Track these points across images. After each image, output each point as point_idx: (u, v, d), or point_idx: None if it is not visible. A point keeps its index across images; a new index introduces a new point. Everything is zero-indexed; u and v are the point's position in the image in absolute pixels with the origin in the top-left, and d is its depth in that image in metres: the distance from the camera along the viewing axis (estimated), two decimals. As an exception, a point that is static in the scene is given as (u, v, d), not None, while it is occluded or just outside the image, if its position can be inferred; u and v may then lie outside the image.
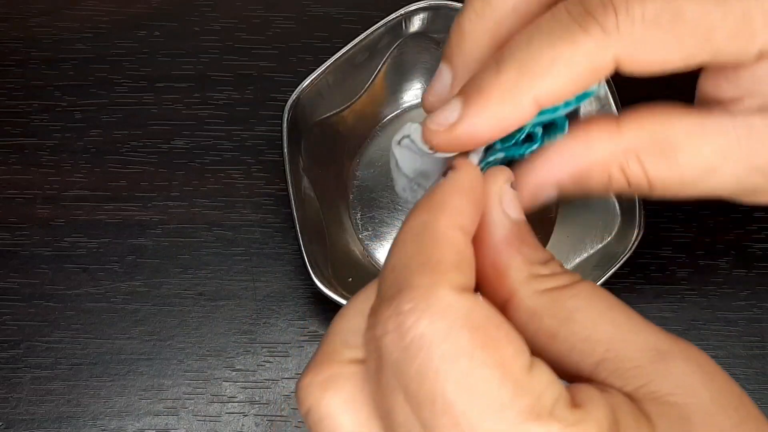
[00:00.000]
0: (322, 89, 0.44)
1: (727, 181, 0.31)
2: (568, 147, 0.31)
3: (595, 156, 0.30)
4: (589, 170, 0.30)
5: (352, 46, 0.44)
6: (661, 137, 0.30)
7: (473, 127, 0.29)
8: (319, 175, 0.45)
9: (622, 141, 0.30)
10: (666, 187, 0.31)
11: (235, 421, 0.43)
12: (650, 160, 0.30)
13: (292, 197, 0.42)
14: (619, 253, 0.41)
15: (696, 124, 0.30)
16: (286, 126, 0.43)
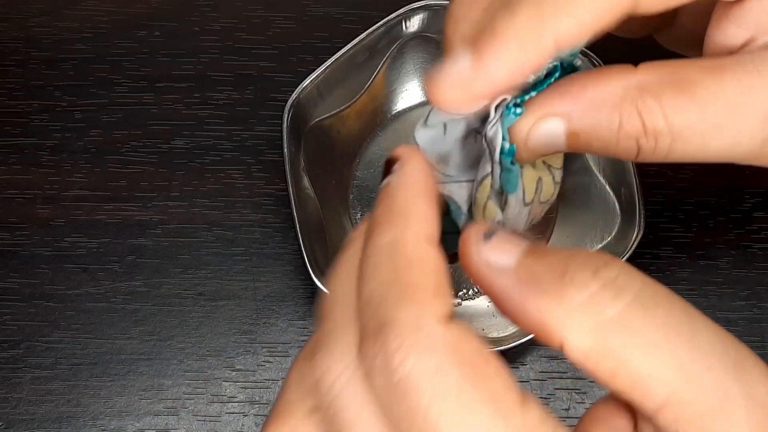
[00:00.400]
0: (322, 89, 0.44)
1: (751, 124, 0.28)
2: (580, 78, 0.29)
3: (608, 88, 0.28)
4: (600, 104, 0.28)
5: (352, 46, 0.44)
6: (681, 75, 0.28)
7: (490, 75, 0.26)
8: (318, 175, 0.45)
9: (638, 76, 0.28)
10: (686, 132, 0.28)
11: (235, 421, 0.43)
12: (668, 97, 0.28)
13: (292, 197, 0.42)
14: (619, 254, 0.41)
15: (715, 63, 0.29)
16: (286, 126, 0.43)
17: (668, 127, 0.28)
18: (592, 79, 0.28)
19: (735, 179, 0.47)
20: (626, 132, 0.28)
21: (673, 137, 0.28)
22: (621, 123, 0.28)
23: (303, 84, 0.44)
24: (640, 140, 0.28)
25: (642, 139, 0.28)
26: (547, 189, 0.31)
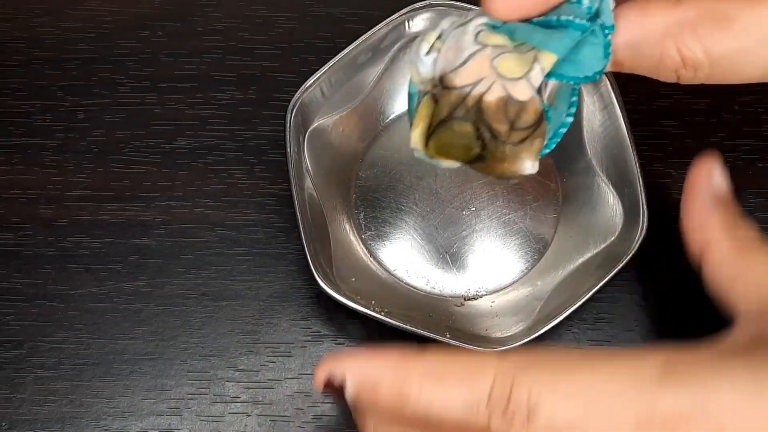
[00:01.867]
0: (325, 89, 0.44)
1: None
2: (625, 13, 0.31)
3: (651, 24, 0.31)
4: (643, 39, 0.31)
5: (355, 46, 0.44)
6: (719, 9, 0.31)
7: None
8: (321, 175, 0.45)
9: (679, 13, 0.31)
10: (723, 61, 0.31)
11: (238, 421, 0.43)
12: (707, 30, 0.31)
13: (296, 198, 0.42)
14: (622, 253, 0.41)
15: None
16: (289, 126, 0.43)
17: (707, 59, 0.31)
18: (636, 13, 0.31)
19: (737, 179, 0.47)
20: (666, 65, 0.32)
21: (711, 66, 0.31)
22: (661, 57, 0.31)
23: (306, 84, 0.44)
24: (679, 71, 0.32)
25: (681, 69, 0.32)
26: None
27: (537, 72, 0.30)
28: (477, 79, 0.30)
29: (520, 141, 0.31)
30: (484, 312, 0.44)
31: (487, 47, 0.31)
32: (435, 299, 0.44)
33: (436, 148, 0.32)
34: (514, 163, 0.31)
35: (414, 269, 0.45)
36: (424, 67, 0.32)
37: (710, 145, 0.47)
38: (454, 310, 0.44)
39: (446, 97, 0.31)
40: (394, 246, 0.45)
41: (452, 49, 0.31)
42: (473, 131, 0.31)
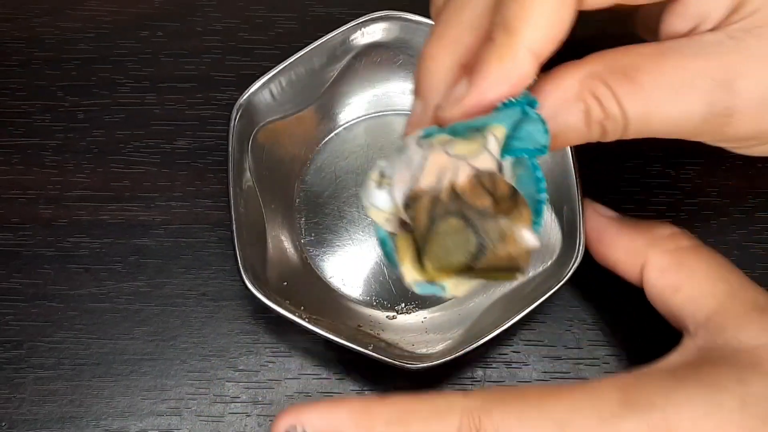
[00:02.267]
0: (275, 91, 0.44)
1: (690, 104, 0.32)
2: (539, 87, 0.32)
3: (565, 86, 0.32)
4: (564, 102, 0.32)
5: (309, 50, 0.44)
6: (623, 62, 0.32)
7: (482, 91, 0.31)
8: (265, 177, 0.44)
9: (587, 67, 0.32)
10: (638, 115, 0.32)
11: (238, 421, 0.43)
12: (617, 83, 0.31)
13: (231, 197, 0.42)
14: (558, 278, 0.40)
15: (656, 49, 0.32)
16: (233, 125, 0.43)
17: (621, 111, 0.32)
18: (549, 83, 0.32)
19: (738, 179, 0.47)
20: (593, 118, 0.32)
21: (625, 119, 0.32)
22: (588, 111, 0.32)
23: (255, 85, 0.44)
24: (604, 123, 0.32)
25: (605, 122, 0.32)
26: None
27: (492, 142, 0.30)
28: (441, 173, 0.30)
29: (509, 212, 0.30)
30: (414, 327, 0.44)
31: (434, 145, 0.30)
32: (367, 310, 0.44)
33: (433, 262, 0.30)
34: (514, 239, 0.30)
35: (350, 279, 0.45)
36: (381, 201, 0.31)
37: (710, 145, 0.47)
38: (385, 323, 0.44)
39: (420, 207, 0.30)
40: (332, 253, 0.45)
41: (404, 168, 0.30)
42: (462, 223, 0.30)
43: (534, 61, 0.30)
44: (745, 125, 0.32)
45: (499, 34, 0.31)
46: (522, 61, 0.30)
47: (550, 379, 0.43)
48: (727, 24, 0.32)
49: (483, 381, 0.43)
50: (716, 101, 0.32)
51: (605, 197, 0.46)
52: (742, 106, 0.32)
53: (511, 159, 0.31)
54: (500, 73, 0.30)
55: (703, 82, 0.32)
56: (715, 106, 0.32)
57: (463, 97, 0.31)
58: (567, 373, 0.43)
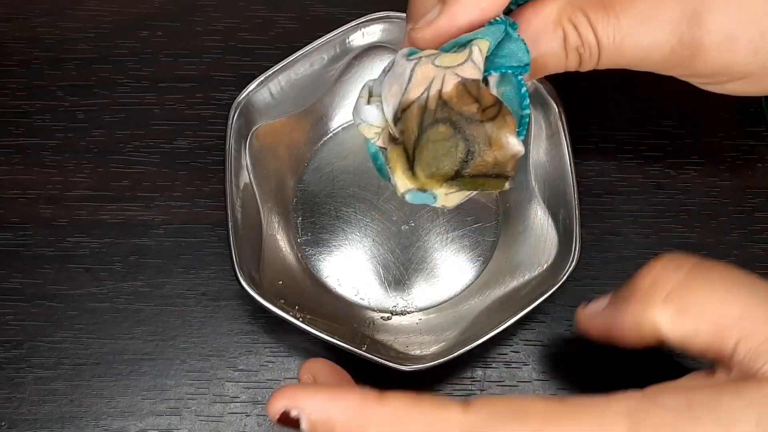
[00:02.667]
0: (274, 90, 0.44)
1: (660, 34, 0.32)
2: (520, 12, 0.33)
3: (545, 12, 0.33)
4: (543, 27, 0.33)
5: (308, 50, 0.44)
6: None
7: (453, 14, 0.31)
8: (262, 175, 0.44)
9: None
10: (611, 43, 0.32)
11: (238, 421, 0.43)
12: (593, 11, 0.32)
13: (228, 195, 0.42)
14: (552, 283, 0.40)
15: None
16: (231, 124, 0.43)
17: (596, 40, 0.33)
18: (530, 11, 0.33)
19: (737, 179, 0.47)
20: (570, 44, 0.33)
21: (601, 48, 0.33)
22: (565, 37, 0.33)
23: (253, 84, 0.44)
24: (579, 50, 0.33)
25: (581, 48, 0.33)
26: None
27: (476, 53, 0.31)
28: (428, 82, 0.30)
29: (495, 117, 0.31)
30: (409, 328, 0.44)
31: (422, 57, 0.31)
32: (362, 310, 0.44)
33: (424, 169, 0.31)
34: (500, 144, 0.30)
35: (346, 279, 0.45)
36: (371, 116, 0.32)
37: (710, 145, 0.47)
38: (380, 323, 0.44)
39: (409, 116, 0.31)
40: (328, 253, 0.45)
41: (394, 83, 0.31)
42: (450, 129, 0.30)
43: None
44: (713, 59, 0.33)
45: None
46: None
47: (549, 379, 0.43)
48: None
49: (483, 381, 0.43)
50: (685, 33, 0.32)
51: (604, 197, 0.46)
52: (709, 39, 0.32)
53: (496, 76, 0.32)
54: None
55: (673, 12, 0.32)
56: (683, 38, 0.32)
57: (435, 18, 0.32)
58: (566, 373, 0.43)
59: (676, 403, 0.29)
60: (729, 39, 0.33)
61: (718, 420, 0.28)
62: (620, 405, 0.29)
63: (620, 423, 0.29)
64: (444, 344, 0.41)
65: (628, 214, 0.46)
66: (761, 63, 0.33)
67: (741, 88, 0.35)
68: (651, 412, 0.29)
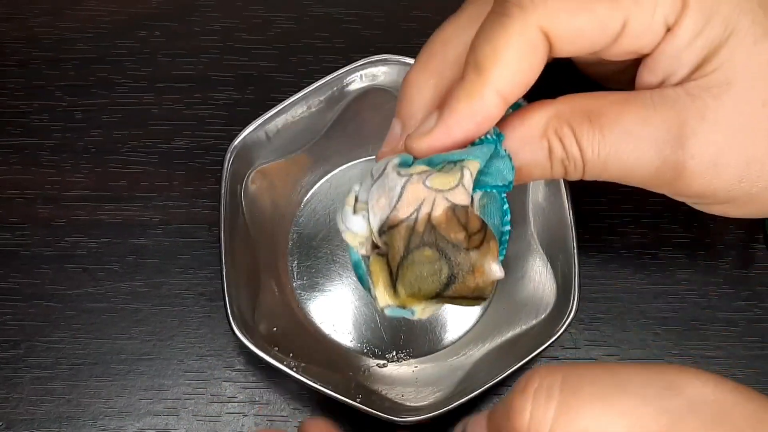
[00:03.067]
0: (270, 133, 0.44)
1: (646, 153, 0.32)
2: (507, 121, 0.33)
3: (532, 122, 0.33)
4: (529, 137, 0.33)
5: (306, 92, 0.43)
6: (590, 106, 0.33)
7: (449, 126, 0.31)
8: (258, 218, 0.44)
9: (555, 106, 0.33)
10: (595, 158, 0.32)
11: (235, 421, 0.43)
12: (579, 125, 0.32)
13: (223, 241, 0.41)
14: (550, 334, 0.40)
15: (619, 97, 0.33)
16: (227, 167, 0.42)
17: (580, 153, 0.32)
18: (518, 119, 0.33)
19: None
20: (555, 156, 0.33)
21: (585, 162, 0.33)
22: (551, 149, 0.33)
23: (250, 127, 0.43)
24: (565, 163, 0.33)
25: (566, 161, 0.33)
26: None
27: (467, 177, 0.31)
28: (418, 204, 0.31)
29: (480, 245, 0.31)
30: (405, 377, 0.43)
31: (413, 175, 0.31)
32: (358, 357, 0.44)
33: (407, 289, 0.31)
34: (483, 270, 0.31)
35: (341, 325, 0.44)
36: (357, 226, 0.32)
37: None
38: (375, 372, 0.43)
39: (396, 235, 0.31)
40: (324, 298, 0.45)
41: (383, 196, 0.31)
42: (436, 253, 0.31)
43: (501, 103, 0.31)
44: (696, 183, 0.33)
45: (469, 72, 0.31)
46: (489, 101, 0.31)
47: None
48: (689, 80, 0.33)
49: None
50: (669, 155, 0.32)
51: (602, 198, 0.46)
52: (692, 164, 0.32)
53: (480, 194, 0.32)
54: (467, 111, 0.31)
55: (658, 133, 0.32)
56: (667, 160, 0.32)
57: (431, 129, 0.32)
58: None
59: None
60: (713, 165, 0.32)
61: None
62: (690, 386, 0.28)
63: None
64: (440, 394, 0.41)
65: (626, 213, 0.46)
66: (746, 190, 0.33)
67: (726, 210, 0.35)
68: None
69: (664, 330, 0.44)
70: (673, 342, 0.44)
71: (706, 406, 0.27)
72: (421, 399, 0.41)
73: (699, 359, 0.44)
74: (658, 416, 0.27)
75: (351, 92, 0.44)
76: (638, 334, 0.44)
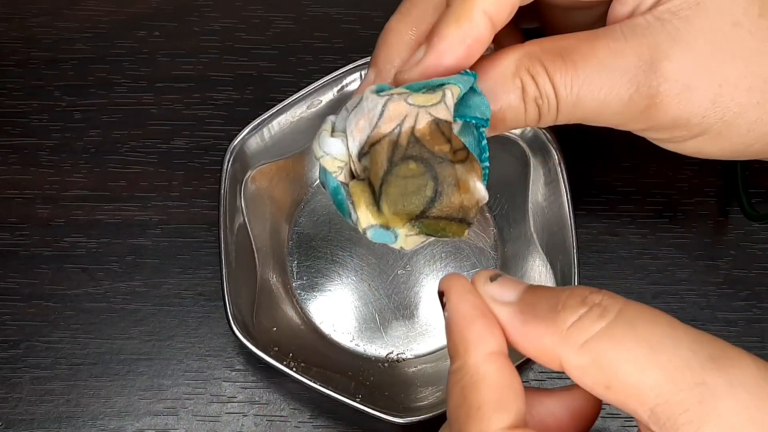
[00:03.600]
0: (268, 134, 0.44)
1: (618, 84, 0.32)
2: (478, 63, 0.33)
3: (504, 63, 0.32)
4: (501, 78, 0.32)
5: (304, 93, 0.43)
6: (561, 44, 0.33)
7: (440, 52, 0.31)
8: (257, 219, 0.44)
9: (525, 48, 0.33)
10: (569, 94, 0.32)
11: (235, 421, 0.43)
12: (551, 62, 0.32)
13: (222, 242, 0.41)
14: None
15: (591, 33, 0.33)
16: (226, 169, 0.42)
17: (553, 89, 0.32)
18: (489, 61, 0.33)
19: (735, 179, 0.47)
20: (528, 96, 0.32)
21: (559, 99, 0.32)
22: (524, 88, 0.32)
23: (248, 127, 0.43)
24: (538, 101, 0.32)
25: (539, 100, 0.32)
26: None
27: (449, 96, 0.30)
28: (401, 119, 0.30)
29: (465, 160, 0.31)
30: (405, 376, 0.43)
31: (394, 95, 0.31)
32: (358, 357, 0.44)
33: (391, 206, 0.30)
34: (468, 187, 0.30)
35: (341, 325, 0.44)
36: (335, 149, 0.31)
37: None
38: (376, 371, 0.43)
39: (379, 150, 0.30)
40: (324, 298, 0.45)
41: (362, 118, 0.31)
42: (421, 166, 0.30)
43: (489, 24, 0.31)
44: (670, 109, 0.32)
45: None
46: (478, 22, 0.31)
47: (547, 379, 0.43)
48: (658, 5, 0.33)
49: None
50: (641, 82, 0.32)
51: (601, 197, 0.46)
52: (665, 88, 0.32)
53: (459, 125, 0.31)
54: (457, 35, 0.31)
55: (629, 62, 0.32)
56: (640, 87, 0.32)
57: (422, 59, 0.32)
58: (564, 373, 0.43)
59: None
60: (686, 88, 0.32)
61: None
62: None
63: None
64: (440, 394, 0.41)
65: (626, 214, 0.46)
66: (719, 115, 0.33)
67: (700, 146, 0.34)
68: None
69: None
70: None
71: (745, 390, 0.27)
72: (421, 399, 0.41)
73: (698, 359, 0.44)
74: (694, 385, 0.27)
75: (351, 92, 0.44)
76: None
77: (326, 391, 0.39)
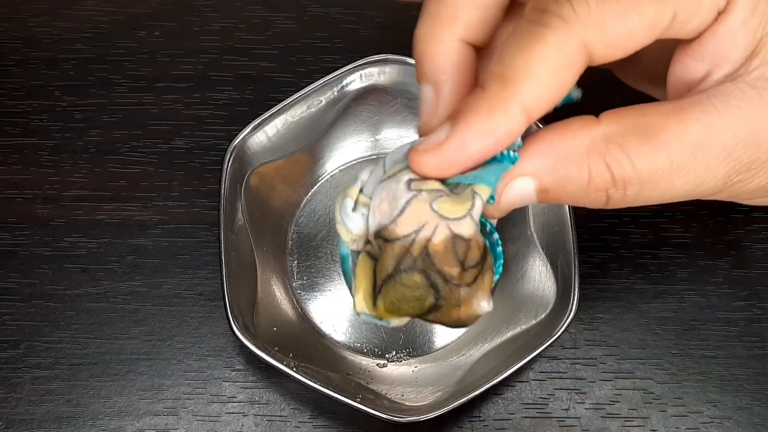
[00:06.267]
0: (270, 133, 0.44)
1: (714, 162, 0.29)
2: (547, 135, 0.30)
3: (575, 143, 0.29)
4: (569, 158, 0.29)
5: (305, 92, 0.43)
6: (644, 121, 0.29)
7: (465, 140, 0.28)
8: (257, 218, 0.44)
9: (601, 129, 0.29)
10: (653, 178, 0.29)
11: (235, 421, 0.43)
12: (634, 145, 0.29)
13: (222, 241, 0.41)
14: (549, 333, 0.40)
15: (675, 106, 0.30)
16: (226, 168, 0.42)
17: (636, 175, 0.29)
18: (558, 135, 0.29)
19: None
20: (596, 184, 0.29)
21: (642, 183, 0.29)
22: (590, 176, 0.29)
23: (249, 126, 0.43)
24: (609, 190, 0.29)
25: (611, 189, 0.29)
26: None
27: (478, 207, 0.29)
28: (419, 226, 0.29)
29: (473, 280, 0.29)
30: (404, 376, 0.43)
31: (422, 192, 0.29)
32: (357, 358, 0.44)
33: (387, 306, 0.30)
34: (470, 305, 0.29)
35: (340, 325, 0.44)
36: (353, 223, 0.30)
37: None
38: (375, 371, 0.43)
39: (389, 250, 0.29)
40: (324, 298, 0.45)
41: (386, 200, 0.29)
42: (424, 281, 0.29)
43: (525, 120, 0.28)
44: (765, 178, 0.31)
45: (492, 82, 0.28)
46: (514, 116, 0.28)
47: (547, 379, 0.43)
48: (747, 71, 0.30)
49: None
50: (740, 156, 0.30)
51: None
52: (765, 158, 0.30)
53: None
54: (487, 125, 0.28)
55: (726, 139, 0.29)
56: (738, 165, 0.30)
57: (442, 143, 0.28)
58: (564, 373, 0.43)
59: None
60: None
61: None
62: None
63: None
64: (440, 394, 0.41)
65: (626, 213, 0.46)
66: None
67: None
68: None
69: (664, 330, 0.44)
70: (672, 342, 0.44)
71: None
72: (421, 399, 0.41)
73: (699, 359, 0.44)
74: None
75: (351, 92, 0.44)
76: (638, 333, 0.44)
77: (326, 391, 0.39)
